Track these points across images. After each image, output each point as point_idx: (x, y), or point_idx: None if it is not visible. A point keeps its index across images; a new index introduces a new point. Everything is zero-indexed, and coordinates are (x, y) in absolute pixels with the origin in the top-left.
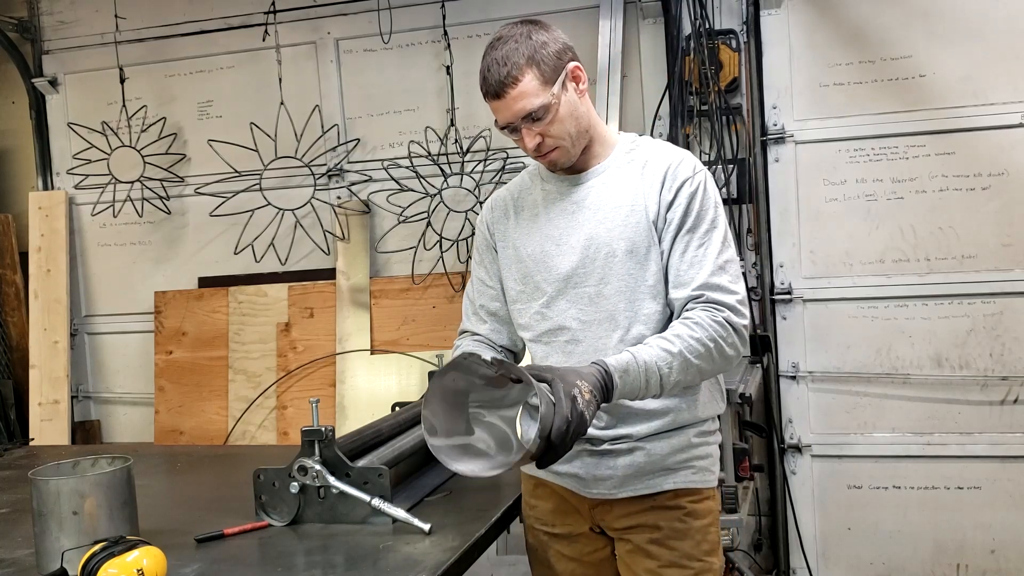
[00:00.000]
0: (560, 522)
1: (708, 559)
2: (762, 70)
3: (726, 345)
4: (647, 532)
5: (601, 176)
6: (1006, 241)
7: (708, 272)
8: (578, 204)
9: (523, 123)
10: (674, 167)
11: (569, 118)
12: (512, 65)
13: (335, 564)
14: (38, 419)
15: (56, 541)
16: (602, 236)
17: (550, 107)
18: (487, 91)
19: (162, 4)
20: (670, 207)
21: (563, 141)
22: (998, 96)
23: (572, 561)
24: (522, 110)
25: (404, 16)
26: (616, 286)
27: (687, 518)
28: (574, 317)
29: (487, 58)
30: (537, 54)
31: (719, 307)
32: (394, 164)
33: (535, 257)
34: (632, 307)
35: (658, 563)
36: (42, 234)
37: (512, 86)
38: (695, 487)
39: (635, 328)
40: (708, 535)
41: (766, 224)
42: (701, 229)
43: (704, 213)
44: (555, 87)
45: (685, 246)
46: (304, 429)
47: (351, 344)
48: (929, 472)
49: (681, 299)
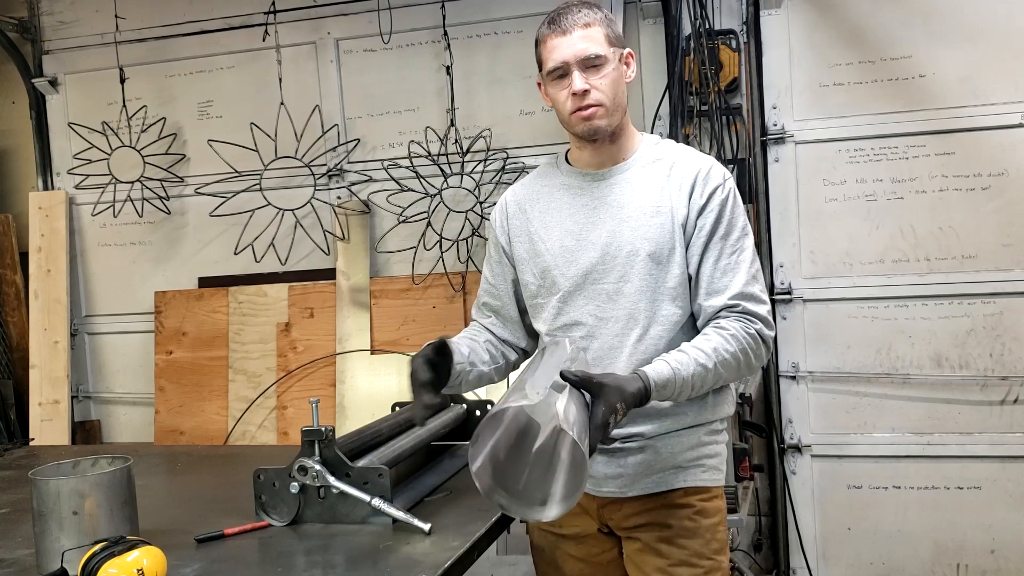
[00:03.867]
0: (568, 523)
1: (718, 558)
2: (762, 70)
3: (754, 357)
4: (657, 530)
5: (625, 174)
6: (1006, 241)
7: (743, 281)
8: (601, 200)
9: (579, 65)
10: (704, 172)
11: (616, 86)
12: (588, 14)
13: (335, 564)
14: (38, 419)
15: (56, 541)
16: (625, 235)
17: (607, 61)
18: (555, 27)
19: (162, 4)
20: (701, 212)
21: (606, 100)
22: (998, 96)
23: (580, 562)
24: (585, 50)
25: (404, 16)
26: (637, 285)
27: (697, 516)
28: (591, 313)
29: (560, 7)
30: (608, 19)
31: (753, 319)
32: (394, 164)
33: (553, 252)
34: (652, 307)
35: (668, 561)
36: (42, 234)
37: (585, 27)
38: (705, 485)
39: (653, 328)
40: (717, 534)
41: (766, 224)
42: (733, 236)
43: (736, 220)
44: (614, 51)
45: (719, 253)
46: (304, 429)
47: (351, 344)
48: (929, 472)
49: (715, 307)
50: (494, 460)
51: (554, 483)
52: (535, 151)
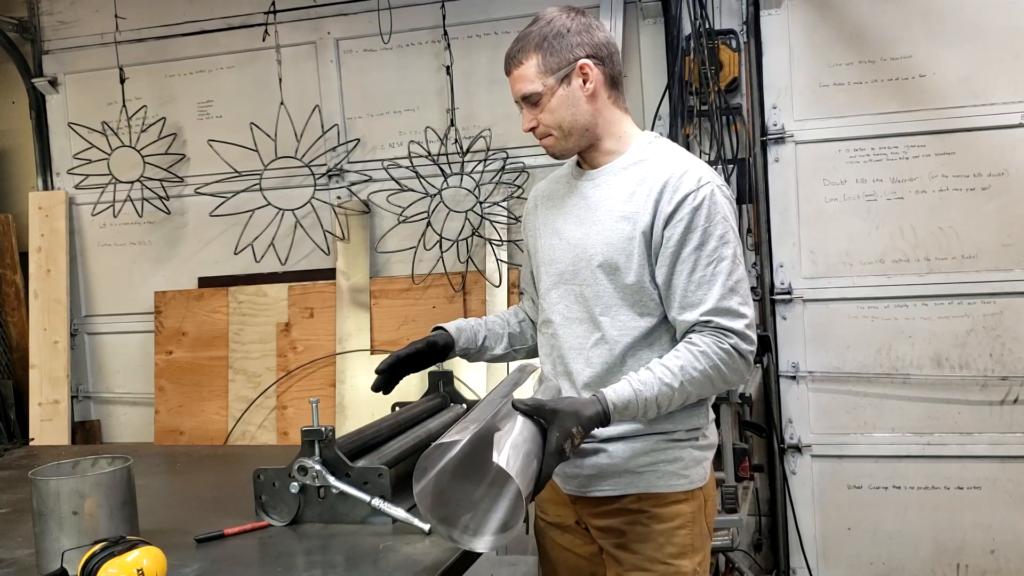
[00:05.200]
0: (552, 511)
1: (675, 562)
2: (762, 70)
3: (729, 371)
4: (613, 536)
5: (606, 176)
6: (1006, 241)
7: (718, 295)
8: (583, 200)
9: (523, 103)
10: (675, 179)
11: (562, 110)
12: (522, 47)
13: (335, 564)
14: (38, 419)
15: (56, 541)
16: (591, 239)
17: (542, 95)
18: (505, 64)
19: (162, 4)
20: (668, 223)
21: (553, 131)
22: (998, 96)
23: (565, 551)
24: (520, 90)
25: (404, 16)
26: (595, 290)
27: (649, 521)
28: (559, 312)
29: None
30: (547, 42)
31: (727, 333)
32: (394, 164)
33: (543, 250)
34: (608, 312)
35: (623, 567)
36: (42, 234)
37: (515, 66)
38: (659, 491)
39: (610, 333)
40: (675, 537)
41: (766, 224)
42: (709, 246)
43: (712, 229)
44: (551, 79)
45: (693, 265)
46: (304, 429)
47: (351, 344)
48: (929, 472)
49: (688, 322)
50: (437, 489)
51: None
52: (535, 151)
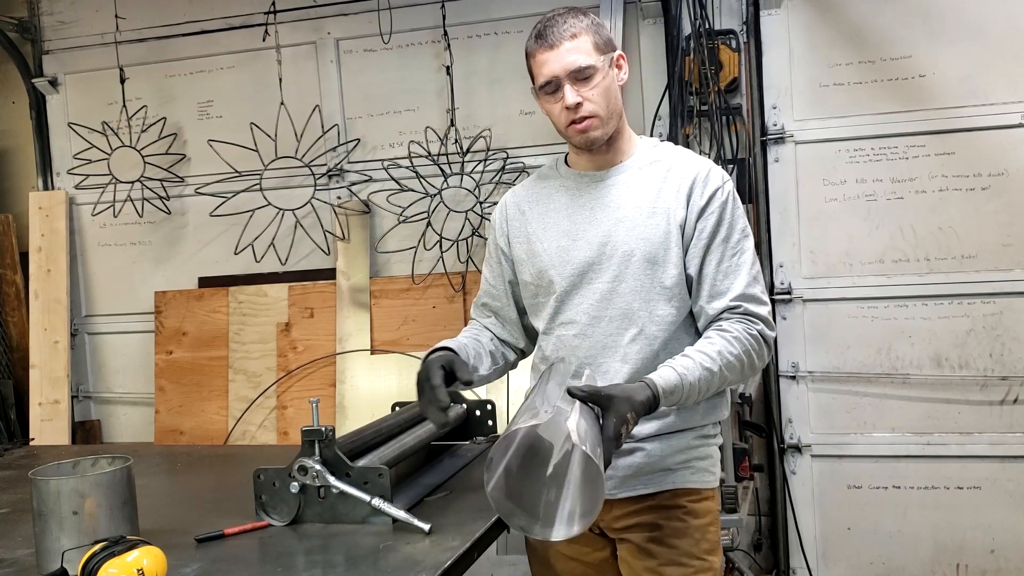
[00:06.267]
0: None
1: (708, 558)
2: (762, 70)
3: (757, 358)
4: (646, 531)
5: (623, 175)
6: (1006, 241)
7: (744, 283)
8: (598, 201)
9: (569, 78)
10: (704, 175)
11: (608, 93)
12: (573, 23)
13: (335, 564)
14: (38, 419)
15: (56, 541)
16: (621, 236)
17: (597, 71)
18: (542, 42)
19: (162, 4)
20: (701, 215)
21: (600, 110)
22: (998, 96)
23: (572, 560)
24: (573, 63)
25: (404, 16)
26: (631, 285)
27: (686, 516)
28: (584, 312)
29: (546, 18)
30: (595, 25)
31: (755, 320)
32: (394, 164)
33: (550, 252)
34: (647, 307)
35: (658, 561)
36: (42, 234)
37: (572, 38)
38: (694, 487)
39: (648, 328)
40: (707, 534)
41: (766, 224)
42: (734, 238)
43: (736, 222)
44: (603, 58)
45: (721, 256)
46: (304, 429)
47: (351, 344)
48: (929, 472)
49: (718, 309)
50: (508, 482)
51: (571, 500)
52: (535, 151)
